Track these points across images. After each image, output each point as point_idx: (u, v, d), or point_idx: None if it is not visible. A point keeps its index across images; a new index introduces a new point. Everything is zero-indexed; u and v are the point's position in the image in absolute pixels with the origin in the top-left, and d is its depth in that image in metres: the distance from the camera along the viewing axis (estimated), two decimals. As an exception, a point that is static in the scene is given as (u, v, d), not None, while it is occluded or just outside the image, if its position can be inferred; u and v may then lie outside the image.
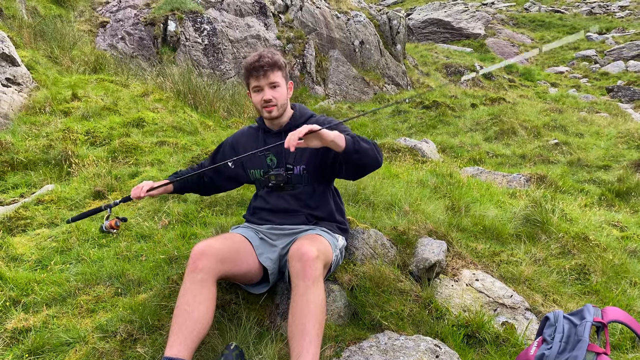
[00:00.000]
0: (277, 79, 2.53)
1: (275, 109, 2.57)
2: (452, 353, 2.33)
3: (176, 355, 2.08)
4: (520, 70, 20.15)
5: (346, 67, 13.10)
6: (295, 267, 2.20)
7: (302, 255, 2.20)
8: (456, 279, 3.02)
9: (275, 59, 2.52)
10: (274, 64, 2.51)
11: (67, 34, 9.43)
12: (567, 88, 18.35)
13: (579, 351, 1.75)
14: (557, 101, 14.89)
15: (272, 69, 2.51)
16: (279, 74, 2.54)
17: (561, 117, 11.13)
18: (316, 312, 2.14)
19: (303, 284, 2.15)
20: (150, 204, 4.12)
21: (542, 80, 19.41)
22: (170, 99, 7.79)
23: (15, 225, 3.94)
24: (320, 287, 2.21)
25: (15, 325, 2.65)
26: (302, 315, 2.11)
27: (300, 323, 2.10)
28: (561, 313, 2.02)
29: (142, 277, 3.01)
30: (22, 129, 6.07)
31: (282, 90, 2.57)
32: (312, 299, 2.14)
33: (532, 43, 25.40)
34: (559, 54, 24.01)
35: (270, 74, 2.51)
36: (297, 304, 2.14)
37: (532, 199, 4.31)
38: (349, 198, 3.95)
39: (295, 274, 2.19)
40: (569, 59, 23.43)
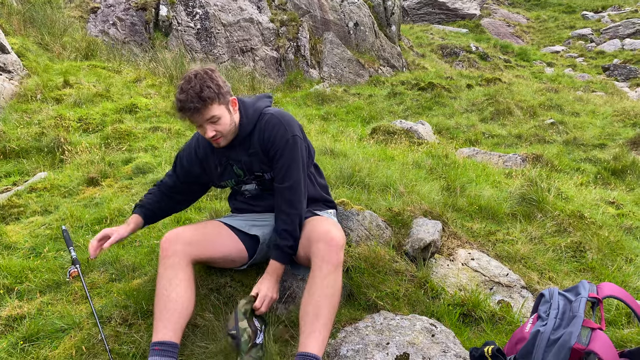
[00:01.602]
0: (213, 112, 2.27)
1: (223, 140, 2.40)
2: (448, 332, 2.33)
3: (162, 339, 2.10)
4: (516, 51, 20.03)
5: (341, 49, 12.99)
6: (321, 250, 2.21)
7: (331, 239, 2.22)
8: (452, 258, 3.02)
9: (204, 95, 2.21)
10: (204, 102, 2.23)
11: (58, 20, 9.31)
12: (563, 67, 18.27)
13: (574, 327, 1.74)
14: (553, 81, 14.81)
15: (203, 106, 2.23)
16: (213, 107, 2.26)
17: (557, 97, 11.08)
18: (334, 297, 2.17)
19: (327, 267, 2.18)
20: (144, 189, 4.09)
21: (538, 60, 19.31)
22: (163, 84, 7.72)
23: (9, 214, 3.92)
24: (340, 274, 2.25)
25: (9, 313, 2.64)
26: (320, 298, 2.14)
27: (317, 305, 2.12)
28: (556, 290, 2.01)
29: (136, 263, 3.00)
30: (13, 117, 6.01)
31: (223, 121, 2.33)
32: (332, 284, 2.17)
33: (528, 23, 25.23)
34: (554, 33, 23.86)
35: (204, 112, 2.25)
36: (317, 285, 2.16)
37: (528, 178, 4.30)
38: (344, 180, 3.92)
39: (320, 257, 2.20)
40: (565, 38, 23.28)
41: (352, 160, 4.32)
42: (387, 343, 2.23)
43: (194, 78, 2.25)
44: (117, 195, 4.05)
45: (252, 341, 2.17)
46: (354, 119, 9.38)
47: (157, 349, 2.07)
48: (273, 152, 2.42)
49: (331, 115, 9.54)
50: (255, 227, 2.57)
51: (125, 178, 4.45)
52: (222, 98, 2.30)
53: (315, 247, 2.24)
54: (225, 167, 2.53)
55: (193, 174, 2.63)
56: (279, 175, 2.43)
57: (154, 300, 2.21)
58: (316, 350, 2.04)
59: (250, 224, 2.58)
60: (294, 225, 2.39)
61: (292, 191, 2.41)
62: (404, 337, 2.26)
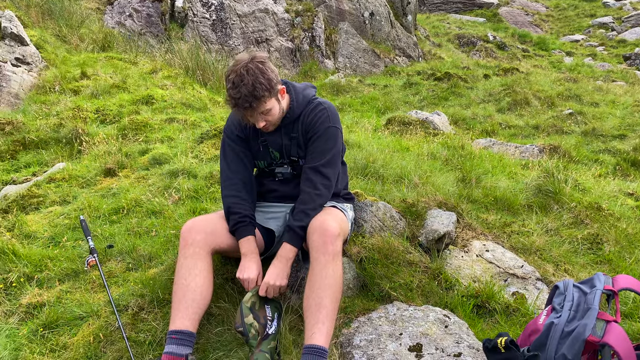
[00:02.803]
0: (266, 107, 2.29)
1: (271, 127, 2.42)
2: (462, 323, 2.33)
3: (179, 328, 2.13)
4: (534, 40, 19.70)
5: (356, 39, 12.91)
6: (316, 242, 2.21)
7: (324, 230, 2.22)
8: (466, 250, 3.00)
9: (257, 94, 2.20)
10: (258, 100, 2.23)
11: (75, 12, 9.39)
12: (583, 57, 17.93)
13: (589, 319, 1.73)
14: (572, 70, 14.56)
15: (257, 103, 2.24)
16: (265, 103, 2.27)
17: (576, 87, 10.90)
18: (334, 287, 2.17)
19: (323, 258, 2.17)
20: (161, 180, 4.14)
21: (556, 49, 18.97)
22: (179, 75, 7.76)
23: (29, 204, 3.99)
24: (340, 263, 2.24)
25: (29, 300, 2.70)
26: (320, 289, 2.13)
27: (318, 296, 2.12)
28: (571, 282, 1.99)
29: (152, 252, 3.04)
30: (32, 108, 6.10)
31: (274, 112, 2.35)
32: (331, 274, 2.17)
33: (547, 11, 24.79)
34: (574, 21, 23.42)
35: (256, 107, 2.26)
36: (316, 277, 2.16)
37: (545, 169, 4.25)
38: (358, 172, 3.92)
39: (316, 248, 2.20)
40: (585, 26, 22.83)
41: (367, 151, 4.31)
42: (400, 333, 2.24)
43: (247, 74, 2.20)
44: (134, 186, 4.10)
45: (261, 335, 2.17)
46: (369, 109, 9.34)
47: (175, 337, 2.11)
48: (311, 134, 2.44)
49: (346, 105, 9.51)
50: (271, 219, 2.58)
51: (141, 169, 4.50)
52: (273, 92, 2.29)
53: (311, 240, 2.25)
54: (262, 147, 2.54)
55: (249, 154, 2.57)
56: (310, 157, 2.44)
57: (172, 289, 2.24)
58: (322, 341, 2.05)
59: (266, 216, 2.60)
60: (311, 205, 2.36)
61: (318, 174, 2.40)
62: (417, 328, 2.26)
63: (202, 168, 4.30)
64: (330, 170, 2.44)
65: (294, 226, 2.33)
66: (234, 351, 2.26)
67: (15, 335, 2.48)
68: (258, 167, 2.65)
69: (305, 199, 2.38)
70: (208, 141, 5.01)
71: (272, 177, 2.63)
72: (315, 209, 2.37)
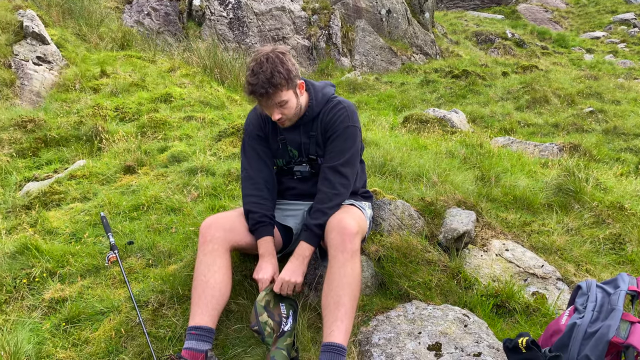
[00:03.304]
0: (282, 98, 2.28)
1: (287, 122, 2.41)
2: (481, 322, 2.32)
3: (199, 324, 2.14)
4: (553, 37, 19.44)
5: (373, 37, 12.86)
6: (335, 240, 2.21)
7: (343, 229, 2.21)
8: (485, 249, 2.98)
9: (275, 82, 2.21)
10: (275, 88, 2.22)
11: (95, 11, 9.50)
12: (604, 54, 17.65)
13: (613, 320, 1.71)
14: (592, 68, 14.34)
15: (274, 91, 2.24)
16: (282, 93, 2.27)
17: (597, 84, 10.73)
18: (353, 285, 2.16)
19: (342, 256, 2.17)
20: (180, 177, 4.17)
21: (576, 46, 18.71)
22: (197, 74, 7.81)
23: (50, 200, 4.05)
24: (358, 261, 2.23)
25: (52, 295, 2.75)
26: (339, 287, 2.13)
27: (336, 294, 2.12)
28: (594, 282, 1.97)
29: (172, 249, 3.07)
30: (53, 106, 6.20)
31: (290, 104, 2.34)
32: (350, 272, 2.16)
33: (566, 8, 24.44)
34: (595, 18, 23.06)
35: (273, 96, 2.25)
36: (334, 275, 2.16)
37: (565, 168, 4.19)
38: (376, 170, 3.91)
39: (334, 246, 2.20)
40: (606, 23, 22.45)
41: (384, 150, 4.30)
42: (419, 332, 2.23)
43: (266, 62, 2.22)
44: (153, 183, 4.14)
45: (276, 332, 2.17)
46: (386, 107, 9.30)
47: (194, 333, 2.12)
48: (330, 134, 2.43)
49: (362, 103, 9.49)
50: (289, 217, 2.59)
51: (160, 166, 4.54)
52: (291, 83, 2.30)
53: (329, 238, 2.24)
54: (281, 145, 2.54)
55: (269, 153, 2.58)
56: (329, 156, 2.44)
57: (192, 285, 2.26)
58: (340, 339, 2.04)
59: (284, 214, 2.60)
60: (329, 204, 2.35)
61: (337, 173, 2.40)
62: (436, 327, 2.25)
63: (220, 166, 4.32)
64: (349, 169, 2.44)
65: (311, 225, 2.33)
66: (252, 348, 2.27)
67: (39, 329, 2.53)
68: (277, 166, 2.66)
69: (322, 198, 2.38)
70: (226, 139, 5.04)
71: (290, 175, 2.64)
72: (332, 208, 2.36)
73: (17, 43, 7.16)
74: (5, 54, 6.89)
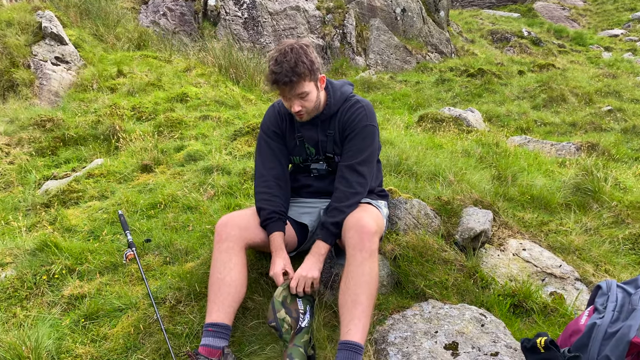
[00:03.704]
0: (304, 89, 2.29)
1: (306, 115, 2.41)
2: (498, 322, 2.30)
3: (215, 320, 2.16)
4: (571, 35, 19.19)
5: (387, 36, 12.82)
6: (353, 238, 2.20)
7: (361, 227, 2.21)
8: (502, 248, 2.96)
9: (298, 71, 2.23)
10: (299, 77, 2.24)
11: (111, 11, 9.60)
12: (622, 52, 17.38)
13: (634, 320, 1.68)
14: (610, 66, 14.13)
15: (297, 80, 2.25)
16: (305, 83, 2.28)
17: (615, 83, 10.58)
18: (370, 284, 2.16)
19: (360, 255, 2.17)
20: (196, 176, 4.20)
21: (594, 44, 18.45)
22: (212, 73, 7.86)
23: (69, 198, 4.11)
24: (376, 260, 2.22)
25: (71, 292, 2.79)
26: (356, 286, 2.13)
27: (354, 293, 2.12)
28: (614, 282, 1.94)
29: (189, 247, 3.09)
30: (71, 105, 6.28)
31: (311, 97, 2.35)
32: (368, 271, 2.16)
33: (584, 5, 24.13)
34: (613, 15, 22.72)
35: (296, 85, 2.27)
36: (352, 274, 2.15)
37: (583, 167, 4.14)
38: (391, 169, 3.91)
39: (352, 245, 2.20)
40: (625, 21, 22.11)
41: (399, 149, 4.29)
42: (435, 331, 2.22)
43: (290, 52, 2.25)
44: (170, 182, 4.17)
45: (294, 329, 2.18)
46: (401, 106, 9.27)
47: (211, 330, 2.14)
48: (348, 132, 2.44)
49: (377, 102, 9.46)
50: (305, 214, 2.59)
51: (177, 165, 4.58)
52: (313, 75, 2.32)
53: (347, 236, 2.24)
54: (299, 142, 2.55)
55: (284, 150, 2.59)
56: (346, 155, 2.44)
57: (208, 283, 2.27)
58: (357, 337, 2.04)
59: (300, 211, 2.61)
60: (346, 203, 2.35)
61: (354, 172, 2.40)
62: (452, 326, 2.24)
63: (236, 165, 4.34)
64: (366, 168, 2.44)
65: (328, 223, 2.33)
66: (269, 345, 2.28)
67: (58, 325, 2.57)
68: (293, 163, 2.66)
69: (340, 197, 2.38)
70: (241, 138, 5.06)
71: (307, 173, 2.64)
72: (350, 206, 2.36)
73: (36, 44, 7.26)
74: (24, 54, 6.99)
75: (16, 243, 3.32)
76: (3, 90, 6.67)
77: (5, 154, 5.15)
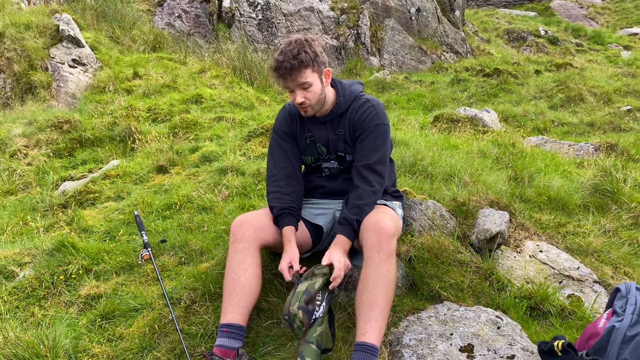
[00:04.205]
0: (306, 79, 2.30)
1: (310, 109, 2.41)
2: (515, 324, 2.27)
3: (230, 321, 2.16)
4: (589, 34, 18.94)
5: (402, 36, 12.78)
6: (371, 240, 2.19)
7: (380, 229, 2.19)
8: (519, 250, 2.93)
9: (301, 58, 2.25)
10: (300, 63, 2.26)
11: (127, 14, 9.71)
12: (642, 50, 17.11)
13: (654, 324, 1.65)
14: (630, 65, 13.91)
15: (298, 69, 2.27)
16: (307, 72, 2.29)
17: (635, 82, 10.42)
18: (388, 286, 2.15)
19: (378, 257, 2.15)
20: (210, 177, 4.22)
21: (613, 43, 18.18)
22: (226, 75, 7.90)
23: (85, 199, 4.16)
24: (394, 262, 2.21)
25: (88, 292, 2.82)
26: (374, 287, 2.12)
27: (371, 294, 2.11)
28: (634, 284, 1.91)
29: (204, 247, 3.10)
30: (88, 107, 6.36)
31: (314, 89, 2.35)
32: (385, 273, 2.14)
33: (603, 4, 23.80)
34: (632, 13, 22.37)
35: (297, 75, 2.28)
36: (370, 275, 2.14)
37: (602, 168, 4.08)
38: (406, 169, 3.88)
39: (370, 247, 2.18)
40: (644, 19, 21.77)
41: (414, 149, 4.26)
42: (450, 334, 2.20)
43: (294, 42, 2.30)
44: (185, 183, 4.20)
45: (306, 326, 2.16)
46: (415, 106, 9.23)
47: (225, 330, 2.15)
48: (360, 132, 2.44)
49: (391, 103, 9.43)
50: (319, 216, 2.59)
51: (192, 166, 4.61)
52: (316, 66, 2.33)
53: (365, 237, 2.22)
54: (309, 142, 2.55)
55: (295, 150, 2.60)
56: (360, 154, 2.43)
57: (223, 283, 2.28)
58: (373, 339, 2.03)
59: (314, 212, 2.60)
60: (367, 201, 2.34)
61: (372, 171, 2.40)
62: (468, 329, 2.22)
63: (250, 165, 4.36)
64: (382, 167, 2.44)
65: (351, 219, 2.30)
66: (283, 345, 2.28)
67: (75, 324, 2.59)
68: (305, 163, 2.67)
69: (361, 194, 2.36)
70: (255, 139, 5.08)
71: (319, 173, 2.64)
72: (369, 205, 2.36)
73: (54, 46, 7.37)
74: (42, 57, 7.10)
75: (34, 243, 3.37)
76: (22, 92, 6.78)
77: (23, 156, 5.22)
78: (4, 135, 5.48)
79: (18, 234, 3.70)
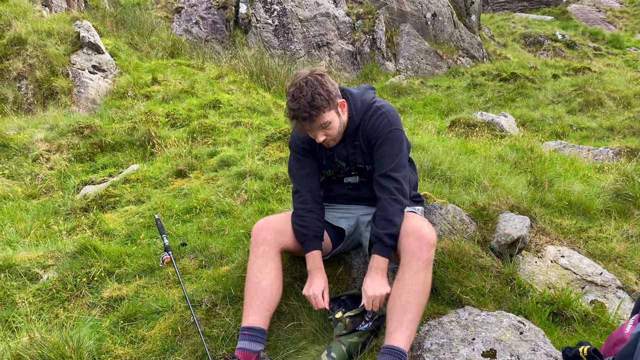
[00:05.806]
0: (325, 119, 2.26)
1: (332, 142, 2.40)
2: (538, 330, 2.25)
3: (252, 324, 2.18)
4: (607, 38, 18.74)
5: (418, 40, 12.76)
6: (411, 245, 2.18)
7: (422, 237, 2.18)
8: (540, 255, 2.90)
9: (316, 104, 2.20)
10: (317, 110, 2.21)
11: (146, 21, 9.84)
12: (661, 54, 16.87)
13: (682, 330, 1.62)
14: (649, 69, 13.75)
15: (317, 113, 2.22)
16: (324, 115, 2.25)
17: (655, 86, 10.28)
18: (422, 294, 2.15)
19: (416, 264, 2.14)
20: (229, 181, 4.25)
21: (632, 47, 17.97)
22: (243, 80, 7.96)
23: (106, 203, 4.21)
24: (430, 271, 2.21)
25: (110, 294, 2.85)
26: (409, 294, 2.11)
27: (405, 300, 2.11)
28: (661, 290, 1.88)
29: (224, 251, 3.13)
30: (108, 112, 6.44)
31: (334, 125, 2.31)
32: (422, 281, 2.14)
33: (621, 7, 23.53)
34: (651, 17, 22.09)
35: (316, 119, 2.23)
36: (407, 281, 2.13)
37: (623, 172, 4.03)
38: (424, 174, 3.88)
39: (409, 252, 2.17)
40: (664, 22, 21.48)
41: (432, 154, 4.25)
42: (472, 338, 2.19)
43: (305, 85, 2.22)
44: (204, 187, 4.23)
45: (348, 330, 2.19)
46: (432, 111, 9.21)
47: (247, 333, 2.16)
48: (374, 141, 2.41)
49: (407, 108, 9.42)
50: (342, 219, 2.58)
51: (210, 170, 4.64)
52: (332, 104, 2.28)
53: (405, 243, 2.20)
54: (328, 157, 2.53)
55: (316, 164, 2.58)
56: (378, 163, 2.42)
57: (244, 287, 2.29)
58: (402, 344, 2.03)
59: (337, 215, 2.60)
60: (391, 210, 2.30)
61: (389, 179, 2.37)
62: (490, 334, 2.20)
63: (268, 170, 4.38)
64: (400, 173, 2.41)
65: (382, 235, 2.26)
66: (304, 349, 2.29)
67: (98, 326, 2.63)
68: (325, 176, 2.64)
69: (384, 206, 2.33)
70: (273, 144, 5.11)
71: (340, 184, 2.63)
72: (396, 214, 2.31)
73: (74, 53, 7.49)
74: (63, 63, 7.21)
75: (57, 246, 3.42)
76: (43, 98, 6.89)
77: (45, 160, 5.31)
78: (26, 140, 5.58)
79: (41, 237, 3.76)
